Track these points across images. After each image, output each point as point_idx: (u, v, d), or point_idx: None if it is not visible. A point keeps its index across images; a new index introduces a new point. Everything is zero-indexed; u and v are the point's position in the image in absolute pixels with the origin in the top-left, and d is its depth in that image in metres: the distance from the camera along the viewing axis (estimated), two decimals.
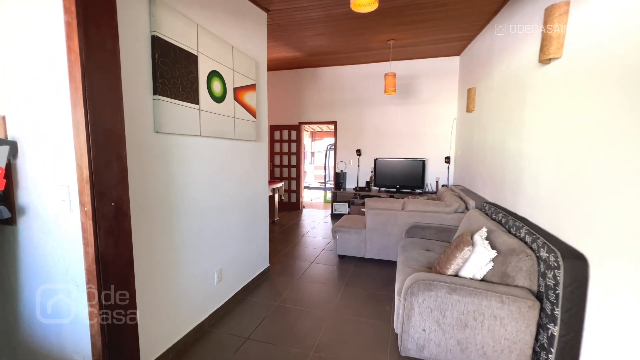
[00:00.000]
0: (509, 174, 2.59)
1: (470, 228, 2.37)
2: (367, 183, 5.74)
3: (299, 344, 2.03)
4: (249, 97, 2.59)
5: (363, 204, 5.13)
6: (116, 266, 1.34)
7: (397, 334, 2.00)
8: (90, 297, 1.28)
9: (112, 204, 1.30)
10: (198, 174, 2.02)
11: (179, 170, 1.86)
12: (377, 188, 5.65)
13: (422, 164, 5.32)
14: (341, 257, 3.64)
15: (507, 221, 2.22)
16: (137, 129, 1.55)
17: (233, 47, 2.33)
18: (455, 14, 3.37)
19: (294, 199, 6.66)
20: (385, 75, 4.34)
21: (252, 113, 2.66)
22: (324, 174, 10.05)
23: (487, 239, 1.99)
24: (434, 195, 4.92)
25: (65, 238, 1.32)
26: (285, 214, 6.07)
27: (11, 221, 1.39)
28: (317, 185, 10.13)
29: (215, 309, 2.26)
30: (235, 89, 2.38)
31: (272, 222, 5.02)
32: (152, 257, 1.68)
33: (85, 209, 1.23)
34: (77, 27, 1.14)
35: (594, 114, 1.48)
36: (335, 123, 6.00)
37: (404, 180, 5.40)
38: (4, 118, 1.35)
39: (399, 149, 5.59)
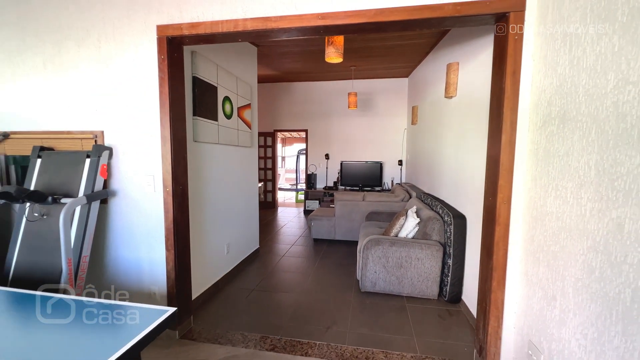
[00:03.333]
0: (433, 170, 3.67)
1: (407, 208, 3.38)
2: (335, 183, 6.70)
3: (290, 291, 2.86)
4: (246, 113, 3.39)
5: (332, 201, 6.05)
6: (181, 228, 2.09)
7: (358, 280, 2.91)
8: (168, 247, 2.03)
9: (180, 187, 2.06)
10: (216, 170, 2.78)
11: (206, 167, 2.61)
12: (343, 187, 6.62)
13: (379, 166, 6.39)
14: (315, 240, 4.51)
15: (431, 202, 3.26)
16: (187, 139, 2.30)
17: (237, 77, 3.14)
18: (398, 53, 4.46)
19: (269, 198, 7.42)
20: (348, 94, 5.34)
21: (248, 125, 3.47)
22: (295, 176, 10.88)
23: (416, 213, 3.00)
24: (389, 191, 6.00)
25: (148, 212, 2.05)
26: (262, 211, 6.80)
27: (104, 201, 2.08)
28: (289, 187, 10.93)
29: (225, 273, 3.00)
30: (238, 108, 3.18)
31: None
32: (194, 226, 2.42)
33: (167, 189, 1.98)
34: (168, 79, 1.91)
35: (469, 127, 2.53)
36: (306, 131, 6.89)
37: (365, 179, 6.43)
38: (102, 132, 2.05)
39: (361, 153, 6.62)
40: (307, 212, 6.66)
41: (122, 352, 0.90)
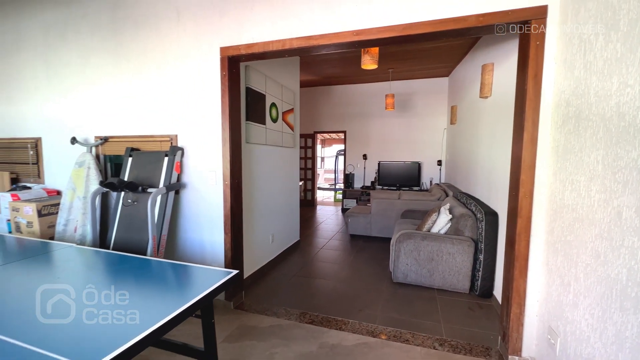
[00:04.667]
0: (469, 169, 3.70)
1: (440, 205, 3.48)
2: (372, 182, 6.86)
3: (327, 278, 3.14)
4: (290, 117, 3.76)
5: (369, 200, 6.23)
6: (236, 216, 2.49)
7: (390, 272, 3.09)
8: (226, 231, 2.43)
9: (236, 181, 2.46)
10: (263, 168, 3.17)
11: (255, 165, 3.00)
12: (381, 187, 6.75)
13: (418, 166, 6.42)
14: (352, 236, 4.74)
15: (466, 200, 3.32)
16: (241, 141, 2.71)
17: (282, 85, 3.51)
18: (435, 54, 4.52)
19: (309, 197, 7.81)
20: (386, 95, 5.49)
21: (291, 128, 3.83)
22: (333, 176, 11.18)
23: (449, 210, 3.10)
24: (427, 191, 6.01)
25: (210, 201, 2.47)
26: (302, 209, 7.19)
27: (177, 192, 2.55)
28: (327, 186, 11.27)
29: (270, 259, 3.38)
30: (283, 113, 3.55)
31: None
32: (245, 216, 2.82)
33: (226, 183, 2.39)
34: (228, 91, 2.31)
35: (501, 127, 2.60)
36: (345, 132, 7.15)
37: (403, 179, 6.50)
38: (176, 136, 2.53)
39: (399, 154, 6.70)
40: (344, 211, 6.90)
41: (206, 293, 1.25)
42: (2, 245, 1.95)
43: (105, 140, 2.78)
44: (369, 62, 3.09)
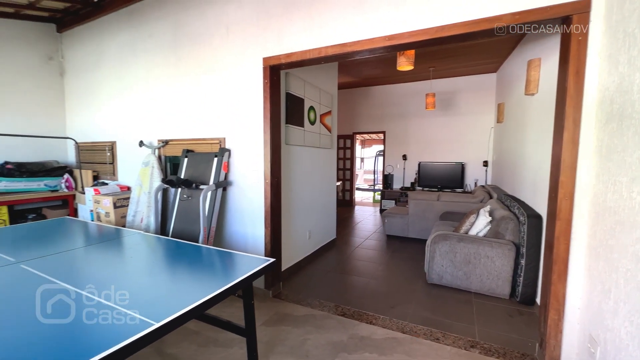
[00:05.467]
0: (515, 170, 3.51)
1: (480, 207, 3.36)
2: (412, 184, 6.73)
3: (361, 275, 3.23)
4: (327, 119, 3.91)
5: (408, 201, 6.14)
6: (275, 212, 2.69)
7: (425, 273, 3.07)
8: (266, 225, 2.65)
9: (276, 180, 2.67)
10: (301, 168, 3.35)
11: (294, 165, 3.20)
12: (421, 188, 6.60)
13: (461, 167, 6.17)
14: (389, 236, 4.74)
15: (510, 202, 3.17)
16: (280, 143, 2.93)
17: (320, 89, 3.68)
18: (479, 51, 4.34)
19: (347, 197, 7.90)
20: (426, 95, 5.38)
21: (329, 129, 3.98)
22: (373, 177, 11.13)
23: (489, 212, 2.99)
24: (470, 193, 5.75)
25: (252, 198, 2.72)
26: (340, 209, 7.32)
27: (224, 189, 2.84)
28: (367, 187, 11.24)
29: (306, 255, 3.56)
30: (320, 115, 3.72)
31: None
32: (284, 212, 3.03)
33: (267, 181, 2.61)
34: (269, 97, 2.53)
35: (547, 126, 2.46)
36: (384, 132, 7.12)
37: (445, 180, 6.29)
38: (224, 139, 2.82)
39: (440, 154, 6.49)
40: (382, 211, 6.87)
41: (247, 275, 1.44)
42: (87, 230, 2.38)
43: (166, 143, 3.18)
44: (404, 64, 3.12)
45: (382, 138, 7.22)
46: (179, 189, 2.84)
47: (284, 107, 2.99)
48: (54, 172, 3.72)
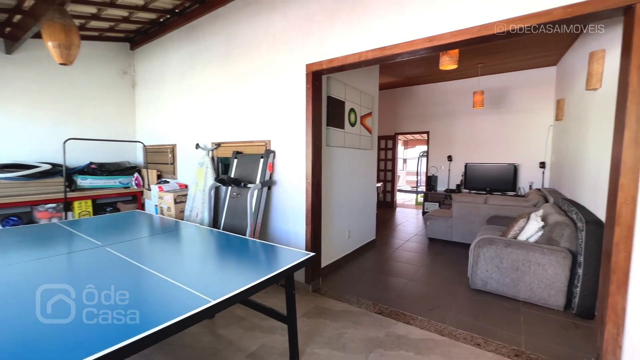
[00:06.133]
0: (575, 172, 3.22)
1: (532, 212, 3.14)
2: (458, 186, 6.44)
3: (400, 276, 3.22)
4: (368, 121, 3.95)
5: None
6: (316, 210, 2.82)
7: (468, 278, 2.97)
8: (307, 223, 2.79)
9: (317, 179, 2.79)
10: (342, 169, 3.45)
11: (334, 166, 3.30)
12: (468, 190, 6.28)
13: (513, 168, 5.75)
14: (431, 239, 4.62)
15: (568, 207, 2.92)
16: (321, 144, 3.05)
17: (361, 91, 3.74)
18: (534, 43, 4.03)
19: (388, 198, 7.80)
20: (474, 93, 5.13)
21: (369, 131, 4.02)
22: (415, 179, 10.80)
23: (541, 217, 2.80)
24: (523, 196, 5.34)
25: (295, 196, 2.88)
26: (380, 210, 7.26)
27: (269, 188, 3.04)
28: (409, 189, 10.95)
29: (345, 254, 3.64)
30: (361, 117, 3.77)
31: None
32: (324, 211, 3.15)
33: (308, 181, 2.75)
34: (311, 101, 2.67)
35: (611, 124, 2.25)
36: (427, 133, 6.91)
37: (494, 183, 5.91)
38: (270, 141, 3.02)
39: (489, 155, 6.12)
40: (425, 214, 6.67)
41: (289, 266, 1.57)
42: (153, 222, 2.72)
43: (218, 145, 3.50)
44: (447, 63, 3.04)
45: (426, 138, 7.02)
46: (229, 187, 3.11)
47: (325, 110, 3.11)
48: (126, 171, 4.28)
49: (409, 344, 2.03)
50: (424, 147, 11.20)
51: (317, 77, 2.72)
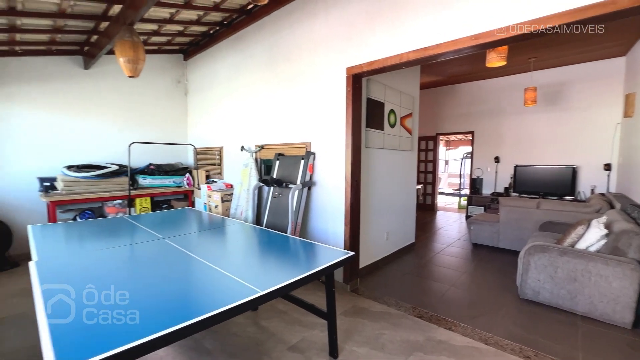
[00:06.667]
0: None
1: (592, 218, 2.85)
2: (506, 189, 6.04)
3: (441, 281, 3.12)
4: (408, 122, 3.89)
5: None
6: (355, 210, 2.86)
7: (517, 287, 2.79)
8: (346, 223, 2.84)
9: (356, 181, 2.83)
10: (380, 170, 3.44)
11: (373, 167, 3.31)
12: (517, 194, 5.86)
13: (572, 170, 5.25)
14: (475, 245, 4.40)
15: (638, 214, 2.62)
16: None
17: (401, 92, 3.70)
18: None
19: (428, 201, 7.54)
20: (525, 89, 4.79)
21: (409, 132, 3.95)
22: (458, 181, 10.29)
23: (604, 224, 2.54)
24: (583, 202, 4.85)
25: (334, 197, 2.94)
26: (420, 213, 7.04)
27: (309, 188, 3.14)
28: (451, 191, 10.46)
29: (384, 255, 3.61)
30: (401, 118, 3.73)
31: None
32: (362, 212, 3.17)
33: (347, 182, 2.79)
34: (351, 104, 2.71)
35: None
36: (472, 133, 6.57)
37: (549, 187, 5.44)
38: (310, 143, 3.12)
39: (543, 156, 5.65)
40: (469, 218, 6.34)
41: (330, 263, 1.64)
42: (203, 218, 2.96)
43: (261, 147, 3.69)
44: (495, 60, 2.89)
45: (470, 139, 6.68)
46: (272, 188, 3.26)
47: (365, 112, 3.13)
48: (179, 171, 4.68)
49: (451, 350, 1.98)
50: (468, 148, 10.66)
51: (357, 79, 2.76)
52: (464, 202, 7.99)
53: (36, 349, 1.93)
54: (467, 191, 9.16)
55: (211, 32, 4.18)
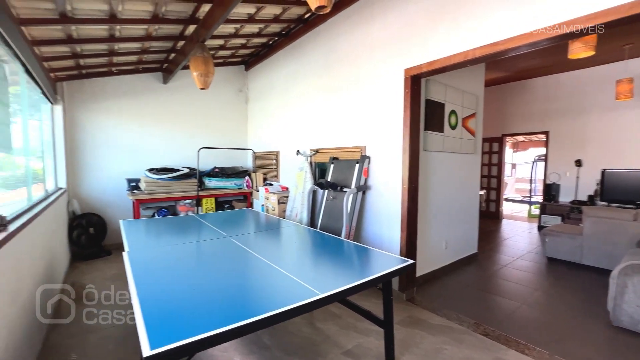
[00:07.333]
0: None
1: None
2: (590, 197, 5.25)
3: (510, 298, 2.83)
4: (470, 122, 3.63)
5: (582, 219, 4.82)
6: (412, 216, 2.75)
7: (609, 311, 2.39)
8: (402, 229, 2.75)
9: (413, 185, 2.72)
10: (439, 174, 3.26)
11: (431, 172, 3.15)
12: (606, 203, 5.05)
13: None
14: (550, 259, 3.90)
15: None
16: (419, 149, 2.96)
17: (463, 91, 3.47)
18: None
19: (492, 208, 6.91)
20: (617, 82, 4.12)
21: (472, 133, 3.68)
22: (528, 187, 9.25)
23: None
24: None
25: (389, 202, 2.86)
26: (483, 221, 6.47)
27: (363, 192, 3.11)
28: (520, 198, 9.44)
29: (442, 265, 3.40)
30: (462, 119, 3.50)
31: None
32: (420, 218, 3.04)
33: (404, 187, 2.70)
34: (409, 106, 2.63)
35: None
36: (547, 133, 5.86)
37: None
38: (365, 147, 3.10)
39: (639, 159, 4.79)
40: (542, 228, 5.65)
41: (388, 271, 1.60)
42: (261, 219, 3.12)
43: (316, 151, 3.77)
44: (580, 51, 2.53)
45: (544, 140, 5.97)
46: (326, 191, 3.31)
47: (423, 114, 3.00)
48: (239, 174, 5.01)
49: None
50: (540, 150, 9.57)
51: (415, 80, 2.66)
52: (535, 211, 7.15)
53: (128, 327, 2.24)
54: (539, 198, 8.19)
55: (270, 42, 4.42)
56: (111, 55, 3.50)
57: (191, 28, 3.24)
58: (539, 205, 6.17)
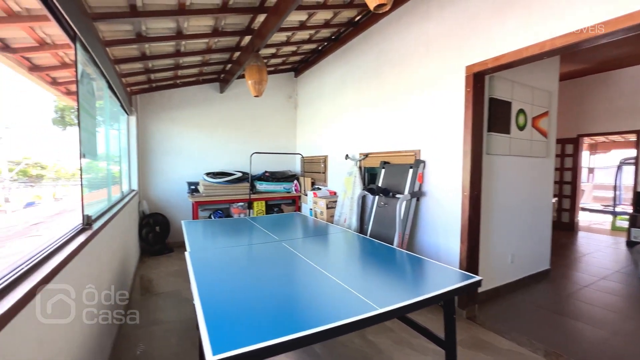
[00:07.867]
0: None
1: None
2: None
3: (594, 324, 2.42)
4: (542, 122, 3.23)
5: None
6: (473, 227, 2.51)
7: None
8: (462, 240, 2.53)
9: (475, 192, 2.49)
10: (504, 181, 2.93)
11: (495, 177, 2.85)
12: None
13: None
14: None
15: None
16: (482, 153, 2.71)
17: (532, 87, 3.11)
18: None
19: (565, 218, 6.10)
20: None
21: (544, 134, 3.27)
22: (612, 194, 8.01)
23: None
24: None
25: (447, 210, 2.66)
26: (555, 232, 5.72)
27: (418, 199, 2.93)
28: (599, 207, 8.21)
29: (507, 281, 3.06)
30: (532, 118, 3.13)
31: None
32: (482, 228, 2.77)
33: (465, 194, 2.48)
34: (471, 106, 2.42)
35: None
36: (637, 132, 5.01)
37: None
38: (419, 150, 2.93)
39: None
40: (632, 244, 4.82)
41: (452, 288, 1.45)
42: (310, 223, 3.11)
43: (366, 156, 3.68)
44: None
45: (633, 140, 5.11)
46: (377, 197, 3.20)
47: (487, 114, 2.74)
48: (288, 178, 5.12)
49: None
50: (627, 152, 8.31)
51: (478, 78, 2.44)
52: (620, 223, 6.14)
53: (189, 321, 2.37)
54: (625, 208, 7.03)
55: (320, 48, 4.46)
56: (176, 69, 3.83)
57: (247, 39, 3.40)
58: (626, 217, 5.28)
